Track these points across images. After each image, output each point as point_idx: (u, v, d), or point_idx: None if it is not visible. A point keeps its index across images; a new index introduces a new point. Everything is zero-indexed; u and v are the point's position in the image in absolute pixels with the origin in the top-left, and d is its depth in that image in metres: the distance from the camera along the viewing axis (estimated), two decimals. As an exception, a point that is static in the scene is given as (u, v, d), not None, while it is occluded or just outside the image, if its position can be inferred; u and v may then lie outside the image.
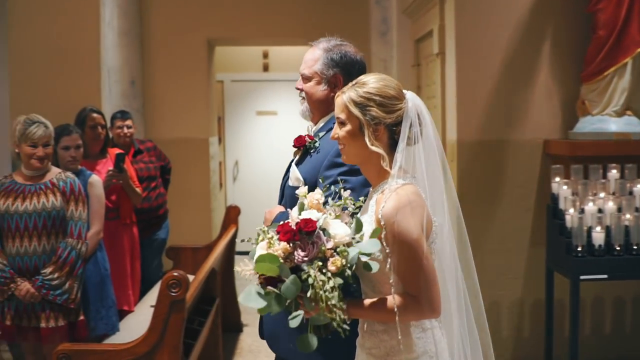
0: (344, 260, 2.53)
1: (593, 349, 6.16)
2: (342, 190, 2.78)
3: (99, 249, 5.34)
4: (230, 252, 7.53)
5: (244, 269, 2.63)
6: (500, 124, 6.03)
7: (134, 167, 6.50)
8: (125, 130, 6.82)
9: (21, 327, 4.86)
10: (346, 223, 2.67)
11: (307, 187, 2.82)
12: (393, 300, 2.60)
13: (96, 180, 5.39)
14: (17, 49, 7.58)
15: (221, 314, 6.59)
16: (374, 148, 2.66)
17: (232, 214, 7.69)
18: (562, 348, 5.89)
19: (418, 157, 2.72)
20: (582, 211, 5.34)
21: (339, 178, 2.96)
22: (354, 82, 2.80)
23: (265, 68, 11.81)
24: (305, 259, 2.55)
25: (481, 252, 6.00)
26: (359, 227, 2.63)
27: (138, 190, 6.22)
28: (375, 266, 2.56)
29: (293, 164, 3.32)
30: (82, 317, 4.97)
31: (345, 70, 3.31)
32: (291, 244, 2.58)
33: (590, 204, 5.37)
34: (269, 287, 2.56)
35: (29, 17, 8.27)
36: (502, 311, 6.11)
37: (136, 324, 5.46)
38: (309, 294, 2.51)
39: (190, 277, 4.72)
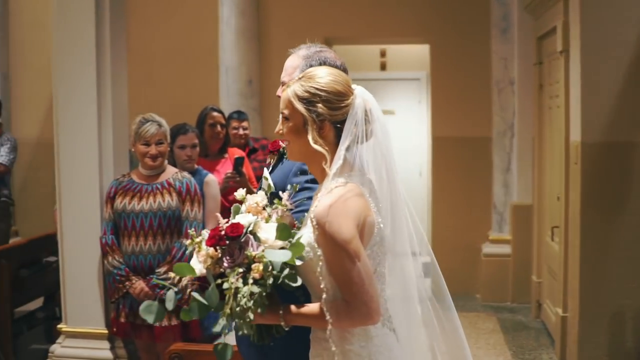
0: (269, 266, 2.45)
1: None
2: (289, 196, 2.72)
3: (214, 248, 5.33)
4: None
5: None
6: (628, 125, 5.75)
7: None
8: (241, 131, 6.84)
9: (135, 324, 4.92)
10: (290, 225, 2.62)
11: (245, 189, 2.79)
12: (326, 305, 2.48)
13: (212, 179, 5.41)
14: (136, 49, 7.69)
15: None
16: (316, 147, 2.55)
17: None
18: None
19: (365, 155, 2.59)
20: None
21: (305, 185, 2.88)
22: (301, 75, 2.69)
23: (383, 67, 11.68)
24: (232, 264, 2.49)
25: (605, 259, 5.75)
26: (282, 233, 2.53)
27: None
28: (298, 280, 2.49)
29: (265, 169, 3.23)
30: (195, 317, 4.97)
31: None
32: (219, 249, 2.53)
33: None
34: (193, 294, 2.53)
35: (147, 17, 8.40)
36: (626, 321, 5.83)
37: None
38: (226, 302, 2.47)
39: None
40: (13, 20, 9.35)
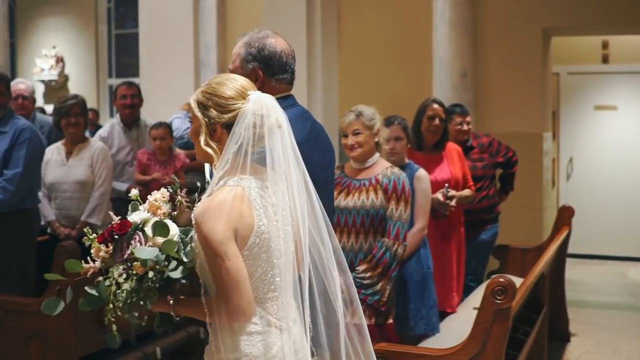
0: (147, 262, 2.57)
1: None
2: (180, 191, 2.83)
3: (423, 246, 5.15)
4: (561, 256, 7.09)
5: (89, 266, 2.70)
6: None
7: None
8: (465, 127, 6.71)
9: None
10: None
11: (137, 190, 2.87)
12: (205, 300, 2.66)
13: (423, 175, 5.26)
14: (346, 43, 7.68)
15: (548, 322, 6.18)
16: (206, 148, 2.72)
17: (565, 215, 7.24)
18: None
19: (261, 159, 2.72)
20: None
21: None
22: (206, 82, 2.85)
23: (605, 59, 11.11)
24: (120, 260, 2.62)
25: None
26: (159, 230, 2.65)
27: (467, 192, 6.05)
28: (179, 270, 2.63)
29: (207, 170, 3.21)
30: (391, 321, 4.84)
31: (264, 63, 3.23)
32: (110, 246, 2.66)
33: None
34: (86, 287, 2.65)
35: (359, 10, 8.39)
36: None
37: (457, 326, 5.23)
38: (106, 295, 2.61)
39: (517, 280, 4.38)
40: (230, 16, 9.68)
